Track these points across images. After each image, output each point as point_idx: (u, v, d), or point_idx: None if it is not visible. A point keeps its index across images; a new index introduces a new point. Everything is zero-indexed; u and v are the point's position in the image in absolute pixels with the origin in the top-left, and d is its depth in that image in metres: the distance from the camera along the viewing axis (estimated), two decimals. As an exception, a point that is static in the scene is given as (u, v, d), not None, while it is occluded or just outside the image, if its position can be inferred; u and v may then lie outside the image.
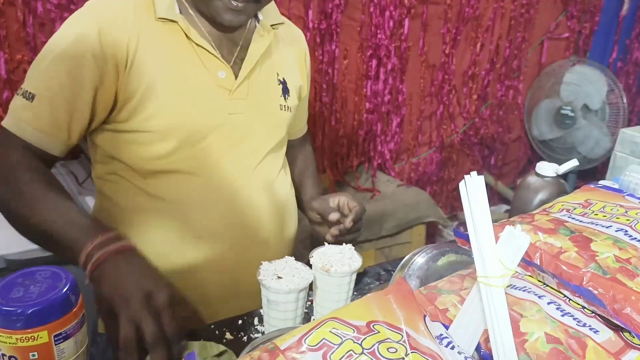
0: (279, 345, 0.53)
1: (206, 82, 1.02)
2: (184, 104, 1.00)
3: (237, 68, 1.06)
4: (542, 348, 0.54)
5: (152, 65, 0.98)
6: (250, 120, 1.08)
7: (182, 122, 1.00)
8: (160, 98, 0.98)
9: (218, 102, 1.04)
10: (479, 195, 0.50)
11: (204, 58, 1.02)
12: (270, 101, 1.12)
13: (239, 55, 1.07)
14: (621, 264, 0.60)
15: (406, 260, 0.92)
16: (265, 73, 1.11)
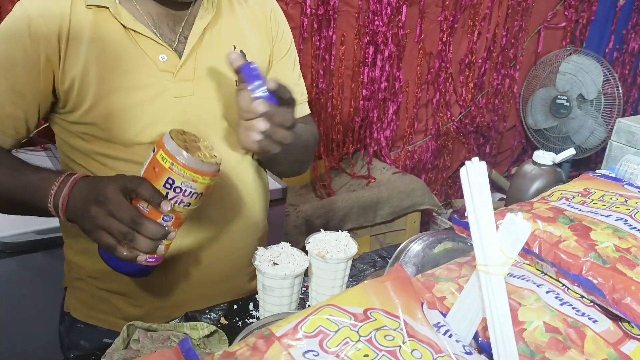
0: (275, 331, 0.52)
1: (145, 68, 0.95)
2: (120, 94, 0.94)
3: (182, 47, 0.99)
4: (541, 337, 0.53)
5: (85, 56, 0.93)
6: (202, 101, 1.00)
7: (121, 109, 0.95)
8: (96, 90, 0.93)
9: (159, 86, 0.96)
10: (480, 182, 0.49)
11: (142, 42, 0.95)
12: (225, 78, 1.01)
13: (183, 33, 0.99)
14: (621, 254, 0.59)
15: (402, 248, 0.91)
16: (218, 48, 1.01)
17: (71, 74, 0.93)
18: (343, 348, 0.50)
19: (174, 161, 0.76)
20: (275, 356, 0.49)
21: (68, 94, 0.94)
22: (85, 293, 1.11)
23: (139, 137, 0.97)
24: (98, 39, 0.93)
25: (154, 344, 0.84)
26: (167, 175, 0.77)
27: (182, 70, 0.98)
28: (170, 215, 0.79)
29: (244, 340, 0.52)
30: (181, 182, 0.77)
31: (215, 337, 0.91)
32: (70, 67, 0.93)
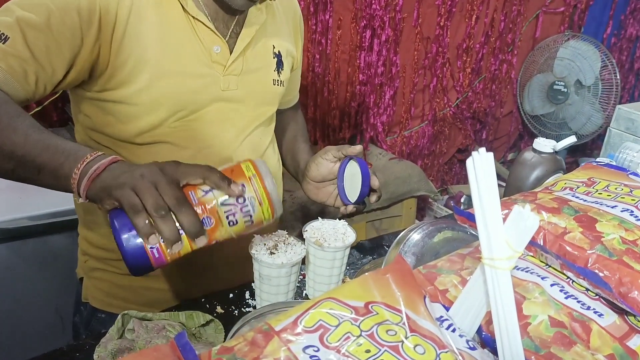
0: (274, 326, 0.50)
1: (200, 57, 0.98)
2: (175, 79, 0.95)
3: (233, 42, 1.02)
4: (546, 332, 0.52)
5: (145, 36, 0.92)
6: (242, 96, 1.04)
7: (172, 97, 0.96)
8: (152, 71, 0.93)
9: (211, 78, 0.99)
10: (487, 173, 0.48)
11: (200, 31, 0.97)
12: (264, 77, 1.08)
13: (235, 29, 1.02)
14: (627, 246, 0.58)
15: (401, 237, 0.90)
16: (261, 47, 1.07)
17: (127, 51, 0.91)
18: (344, 343, 0.49)
19: (258, 175, 0.73)
20: (275, 351, 0.48)
21: (119, 70, 0.91)
22: (105, 282, 1.12)
23: (180, 122, 0.99)
24: (161, 20, 0.93)
25: (149, 334, 0.83)
26: (242, 181, 0.72)
27: (233, 65, 1.01)
28: (213, 220, 0.71)
29: (242, 335, 0.50)
30: (249, 197, 0.72)
31: (212, 326, 0.90)
32: (128, 44, 0.91)
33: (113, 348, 0.81)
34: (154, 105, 0.95)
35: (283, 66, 1.12)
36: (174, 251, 0.70)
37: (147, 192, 0.66)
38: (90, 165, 0.71)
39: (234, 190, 0.70)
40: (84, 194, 0.71)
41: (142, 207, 0.66)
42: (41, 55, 0.84)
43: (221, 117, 1.03)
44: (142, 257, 0.70)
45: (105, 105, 0.96)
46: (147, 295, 1.10)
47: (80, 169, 0.71)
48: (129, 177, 0.68)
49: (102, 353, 0.81)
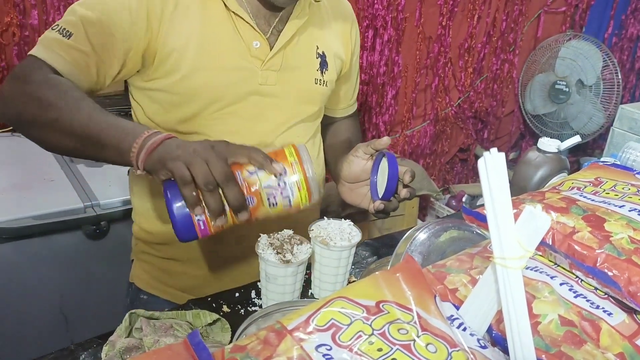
0: (286, 325, 0.51)
1: (239, 51, 1.02)
2: (213, 72, 1.00)
3: (274, 39, 1.05)
4: (557, 331, 0.53)
5: (188, 31, 0.98)
6: (281, 91, 1.07)
7: (209, 88, 1.00)
8: (192, 63, 0.98)
9: (249, 71, 1.03)
10: (499, 173, 0.48)
11: (240, 26, 1.01)
12: (306, 74, 1.10)
13: (277, 26, 1.06)
14: (636, 245, 0.58)
15: (408, 236, 0.90)
16: (304, 46, 1.10)
17: (172, 43, 0.97)
18: (356, 342, 0.49)
19: (299, 161, 0.78)
20: (288, 350, 0.48)
21: (165, 61, 0.98)
22: (150, 265, 1.19)
23: (218, 114, 1.03)
24: (203, 15, 0.99)
25: (157, 333, 0.83)
26: (284, 165, 0.77)
27: (271, 60, 1.04)
28: (255, 200, 0.77)
29: (254, 334, 0.50)
30: (289, 181, 0.77)
31: (218, 326, 0.91)
32: (172, 37, 0.97)
33: (121, 347, 0.81)
34: (192, 95, 1.00)
35: (327, 67, 1.13)
36: (217, 224, 0.76)
37: (198, 166, 0.72)
38: (148, 140, 0.77)
39: (275, 169, 0.76)
40: (141, 165, 0.77)
41: (192, 179, 0.72)
42: (100, 49, 0.93)
43: (258, 111, 1.06)
44: (189, 226, 0.76)
45: (152, 94, 1.03)
46: (185, 281, 1.16)
47: (139, 143, 0.78)
48: (183, 151, 0.74)
49: (110, 352, 0.81)
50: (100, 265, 1.66)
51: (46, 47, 0.92)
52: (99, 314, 1.37)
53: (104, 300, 1.65)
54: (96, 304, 1.66)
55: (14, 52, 1.88)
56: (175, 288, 1.17)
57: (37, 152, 1.79)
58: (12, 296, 1.55)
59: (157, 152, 0.76)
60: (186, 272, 1.16)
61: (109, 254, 1.66)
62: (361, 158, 1.06)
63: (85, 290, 1.66)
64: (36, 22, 1.88)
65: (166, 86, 1.00)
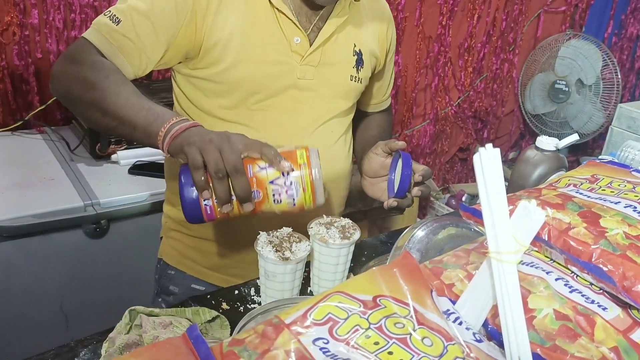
0: (284, 319, 0.51)
1: (280, 45, 1.06)
2: (255, 64, 1.04)
3: (314, 36, 1.09)
4: (552, 325, 0.53)
5: (233, 24, 1.02)
6: (318, 86, 1.11)
7: (250, 79, 1.05)
8: (235, 55, 1.03)
9: (288, 65, 1.07)
10: (494, 169, 0.48)
11: (282, 22, 1.06)
12: (342, 71, 1.14)
13: (317, 24, 1.10)
14: (631, 241, 0.59)
15: (406, 233, 0.91)
16: (342, 43, 1.13)
17: (217, 36, 1.02)
18: (353, 336, 0.50)
19: (308, 164, 0.81)
20: (285, 343, 0.48)
21: (209, 52, 1.03)
22: (178, 242, 1.23)
23: (257, 106, 1.08)
24: (248, 10, 1.04)
25: (156, 329, 0.84)
26: (293, 165, 0.81)
27: (311, 56, 1.09)
28: (261, 194, 0.82)
29: (252, 328, 0.51)
30: (295, 182, 0.81)
31: (217, 323, 0.91)
32: (217, 30, 1.02)
33: (121, 343, 0.82)
34: (234, 85, 1.05)
35: (363, 64, 1.17)
36: (223, 211, 0.81)
37: (211, 154, 0.78)
38: (174, 127, 0.84)
39: (284, 167, 0.80)
40: (166, 149, 0.85)
41: (203, 165, 0.79)
42: (144, 37, 0.99)
43: (295, 104, 1.10)
44: (196, 209, 0.82)
45: (195, 82, 1.08)
46: (213, 260, 1.20)
47: (166, 128, 0.85)
48: (200, 139, 0.80)
49: (109, 348, 0.82)
50: (100, 264, 1.66)
51: (96, 30, 0.99)
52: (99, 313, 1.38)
53: (104, 299, 1.65)
54: (96, 302, 1.67)
55: (14, 51, 1.89)
56: (203, 265, 1.21)
57: (37, 151, 1.82)
58: (12, 295, 1.55)
59: (180, 138, 0.83)
60: (213, 251, 1.19)
61: (109, 253, 1.66)
62: (380, 155, 1.12)
63: (85, 289, 1.67)
64: (36, 21, 1.88)
65: (209, 75, 1.05)
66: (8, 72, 1.89)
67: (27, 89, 1.94)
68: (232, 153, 0.79)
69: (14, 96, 1.93)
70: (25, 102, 1.95)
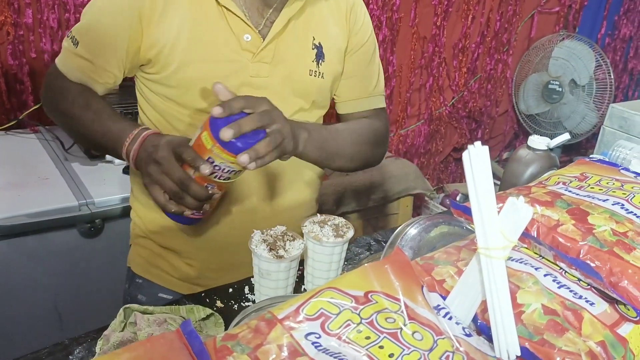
0: (276, 314, 0.52)
1: (230, 45, 1.03)
2: (204, 65, 1.02)
3: (267, 31, 1.05)
4: (540, 319, 0.54)
5: (178, 24, 1.00)
6: (274, 84, 1.07)
7: (200, 82, 1.03)
8: (182, 57, 1.01)
9: (239, 63, 1.04)
10: (482, 166, 0.49)
11: (231, 20, 1.02)
12: (299, 66, 1.09)
13: (270, 18, 1.06)
14: (618, 238, 0.60)
15: (399, 231, 0.92)
16: (298, 37, 1.08)
17: (164, 38, 1.00)
18: (345, 330, 0.50)
19: (214, 144, 0.84)
20: (278, 338, 0.49)
21: (158, 56, 1.02)
22: (146, 250, 1.21)
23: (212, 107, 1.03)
24: (193, 10, 1.01)
25: (151, 327, 0.84)
26: (208, 154, 0.85)
27: (263, 53, 1.05)
28: (214, 184, 0.90)
29: (245, 323, 0.52)
30: (220, 162, 0.86)
31: (212, 320, 0.92)
32: (163, 32, 1.00)
33: (115, 341, 0.82)
34: (185, 88, 1.04)
35: (324, 58, 1.11)
36: (205, 208, 0.94)
37: (163, 183, 0.87)
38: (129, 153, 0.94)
39: (205, 171, 0.85)
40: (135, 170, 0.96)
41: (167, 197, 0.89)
42: (101, 54, 1.02)
43: None
44: (184, 219, 0.95)
45: (151, 87, 1.08)
46: (182, 270, 1.18)
47: (124, 153, 0.95)
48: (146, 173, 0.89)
49: (104, 346, 0.82)
50: (95, 263, 1.66)
51: (62, 55, 1.05)
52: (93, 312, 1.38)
53: (98, 299, 1.65)
54: (90, 302, 1.67)
55: (8, 51, 1.89)
56: (171, 275, 1.19)
57: (32, 150, 1.82)
58: (6, 294, 1.55)
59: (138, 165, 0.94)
60: (180, 261, 1.17)
61: (104, 252, 1.66)
62: None
63: (80, 288, 1.67)
64: (30, 20, 1.89)
65: (161, 79, 1.04)
66: (2, 71, 1.89)
67: (21, 88, 1.94)
68: (171, 170, 0.86)
69: (8, 96, 1.93)
70: (19, 101, 1.95)
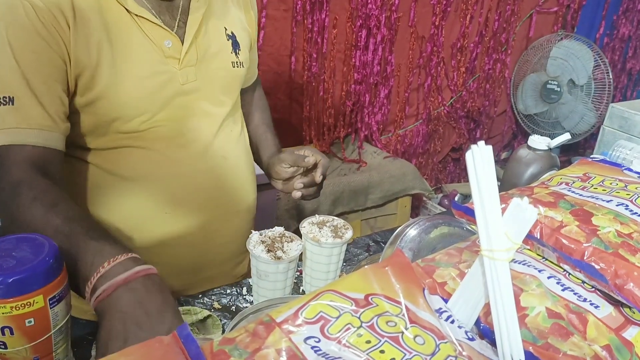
0: (275, 317, 0.51)
1: (153, 55, 0.95)
2: (132, 83, 0.92)
3: (182, 33, 0.98)
4: (544, 323, 0.53)
5: (94, 43, 0.89)
6: (203, 85, 1.02)
7: (132, 100, 0.93)
8: (108, 78, 0.90)
9: (168, 74, 0.96)
10: (486, 166, 0.48)
11: (147, 29, 0.94)
12: (222, 61, 1.05)
13: (182, 18, 0.99)
14: (623, 239, 0.59)
15: (398, 232, 0.91)
16: (213, 32, 1.04)
17: (82, 60, 0.89)
18: (345, 334, 0.49)
19: None
20: (276, 342, 0.48)
21: (80, 80, 0.90)
22: None
23: (145, 125, 0.97)
24: (107, 25, 0.91)
25: (147, 329, 0.83)
26: None
27: (187, 56, 0.99)
28: None
29: (243, 327, 0.50)
30: None
31: (209, 322, 0.91)
32: (81, 53, 0.89)
33: (111, 343, 0.81)
34: (116, 111, 0.93)
35: (240, 47, 1.09)
36: None
37: None
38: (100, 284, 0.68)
39: None
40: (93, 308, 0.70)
41: None
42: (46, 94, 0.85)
43: (186, 112, 1.00)
44: None
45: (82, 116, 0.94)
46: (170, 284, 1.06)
47: (90, 282, 0.69)
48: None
49: (100, 348, 0.81)
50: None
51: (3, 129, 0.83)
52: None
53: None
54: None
55: None
56: None
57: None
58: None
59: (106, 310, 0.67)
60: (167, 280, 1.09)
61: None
62: (287, 167, 1.14)
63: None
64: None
65: (86, 106, 0.92)
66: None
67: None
68: None
69: None
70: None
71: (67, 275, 0.70)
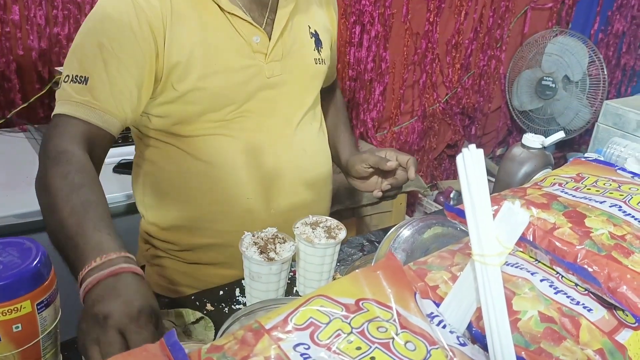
0: (264, 324, 0.50)
1: (242, 50, 1.03)
2: (222, 76, 1.01)
3: (270, 29, 1.07)
4: (536, 327, 0.52)
5: (188, 38, 0.98)
6: (287, 80, 1.09)
7: (221, 92, 1.02)
8: (199, 72, 0.99)
9: (255, 67, 1.05)
10: (477, 169, 0.47)
11: (237, 25, 1.02)
12: (306, 57, 1.12)
13: (269, 16, 1.07)
14: (616, 241, 0.58)
15: (391, 233, 0.90)
16: (297, 29, 1.11)
17: (176, 55, 0.97)
18: (335, 340, 0.48)
19: None
20: (265, 350, 0.47)
21: (172, 74, 0.98)
22: (169, 269, 1.16)
23: (232, 114, 1.05)
24: (200, 22, 0.99)
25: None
26: None
27: (273, 51, 1.06)
28: None
29: (232, 334, 0.50)
30: None
31: (201, 324, 0.90)
32: (175, 49, 0.97)
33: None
34: (206, 102, 1.02)
35: (322, 44, 1.16)
36: None
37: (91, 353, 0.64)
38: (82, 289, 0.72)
39: None
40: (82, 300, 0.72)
41: None
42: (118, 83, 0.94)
43: (271, 104, 1.08)
44: None
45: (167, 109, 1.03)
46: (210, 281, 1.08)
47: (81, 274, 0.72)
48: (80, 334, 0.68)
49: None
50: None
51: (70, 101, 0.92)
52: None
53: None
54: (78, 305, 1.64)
55: (-5, 48, 1.86)
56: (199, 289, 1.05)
57: (20, 149, 1.79)
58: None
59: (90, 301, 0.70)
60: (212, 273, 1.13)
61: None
62: (367, 168, 1.19)
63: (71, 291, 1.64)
64: (17, 17, 1.85)
65: (176, 99, 1.01)
66: (-11, 69, 1.86)
67: (8, 86, 1.91)
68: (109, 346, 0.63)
69: (-4, 94, 1.90)
70: (7, 100, 1.92)
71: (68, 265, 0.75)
